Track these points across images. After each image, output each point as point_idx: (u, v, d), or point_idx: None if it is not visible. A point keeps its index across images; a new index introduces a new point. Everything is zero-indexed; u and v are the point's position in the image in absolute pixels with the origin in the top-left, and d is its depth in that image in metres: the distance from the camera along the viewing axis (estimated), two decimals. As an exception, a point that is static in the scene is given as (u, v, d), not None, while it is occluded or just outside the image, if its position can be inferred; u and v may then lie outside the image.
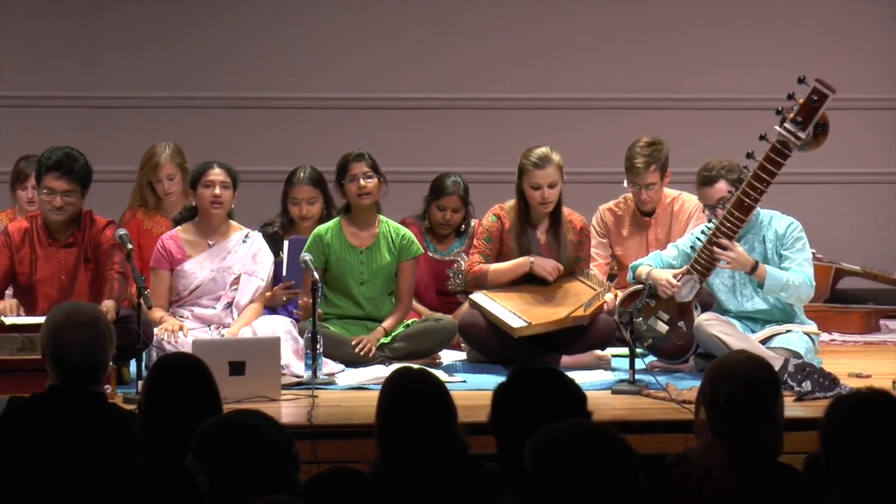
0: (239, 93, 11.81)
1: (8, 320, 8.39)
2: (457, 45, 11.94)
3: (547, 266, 9.10)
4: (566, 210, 9.29)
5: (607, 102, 11.82)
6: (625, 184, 9.79)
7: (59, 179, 8.68)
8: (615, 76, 11.93)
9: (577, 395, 5.06)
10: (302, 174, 9.74)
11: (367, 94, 11.86)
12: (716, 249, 8.68)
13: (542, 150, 9.13)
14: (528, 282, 9.21)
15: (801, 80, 8.61)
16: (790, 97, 8.60)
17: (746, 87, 11.43)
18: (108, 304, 8.52)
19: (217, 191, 8.98)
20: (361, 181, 9.17)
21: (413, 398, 5.46)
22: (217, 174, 9.01)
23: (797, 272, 8.80)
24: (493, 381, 5.33)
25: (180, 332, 8.72)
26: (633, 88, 11.89)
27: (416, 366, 6.08)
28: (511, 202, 9.26)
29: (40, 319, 7.51)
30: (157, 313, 8.84)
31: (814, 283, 8.93)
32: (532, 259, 9.11)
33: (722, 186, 8.98)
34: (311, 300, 8.64)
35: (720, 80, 11.88)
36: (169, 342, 8.55)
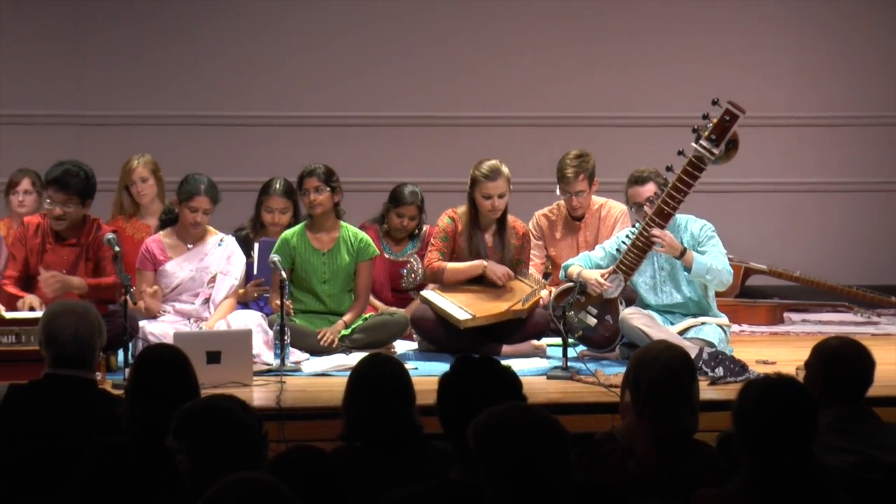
0: (213, 111, 11.77)
1: (8, 314, 8.39)
2: (413, 68, 11.94)
3: (498, 271, 9.13)
4: (510, 217, 9.32)
5: (542, 120, 11.83)
6: (557, 192, 9.81)
7: (58, 192, 8.71)
8: (550, 96, 11.94)
9: (512, 380, 5.09)
10: (277, 185, 9.76)
11: (331, 112, 11.84)
12: (653, 232, 8.71)
13: (493, 162, 9.16)
14: (474, 281, 9.25)
15: (714, 102, 8.66)
16: (705, 117, 8.65)
17: (665, 106, 11.46)
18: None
19: (199, 218, 9.03)
20: (311, 195, 9.21)
21: (377, 378, 5.50)
22: (202, 202, 9.01)
23: (717, 259, 8.85)
24: (441, 368, 5.35)
25: (161, 323, 8.74)
26: (564, 107, 11.90)
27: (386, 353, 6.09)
28: (462, 207, 9.28)
29: (38, 314, 7.56)
30: (142, 307, 8.87)
31: (731, 271, 8.97)
32: (486, 264, 9.13)
33: (651, 187, 9.04)
34: (279, 297, 8.68)
35: (642, 100, 11.89)
36: (152, 334, 8.57)
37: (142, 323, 8.68)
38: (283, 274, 8.76)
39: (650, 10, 12.01)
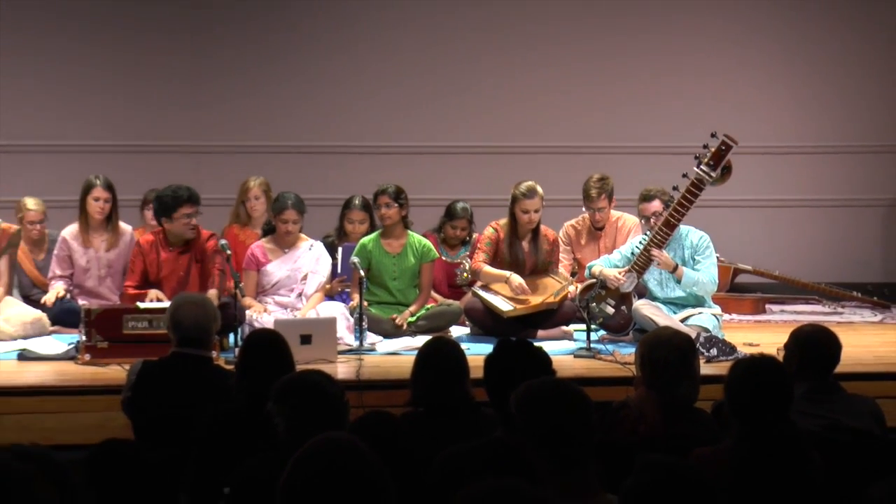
0: (306, 142, 11.76)
1: (142, 305, 8.44)
2: (464, 104, 11.91)
3: (514, 283, 9.07)
4: (543, 227, 9.32)
5: (570, 148, 11.79)
6: (582, 208, 9.84)
7: (193, 207, 8.77)
8: (576, 128, 11.89)
9: (545, 359, 5.09)
10: (356, 201, 9.78)
11: (400, 143, 11.82)
12: (652, 252, 8.75)
13: (530, 183, 9.14)
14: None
15: (713, 135, 8.69)
16: (705, 147, 8.66)
17: (672, 137, 11.42)
18: (212, 293, 8.60)
19: (289, 227, 9.06)
20: (383, 209, 9.23)
21: (439, 356, 5.51)
22: (290, 214, 9.04)
23: (705, 273, 8.85)
24: (488, 349, 5.34)
25: (264, 313, 8.78)
26: (588, 138, 11.86)
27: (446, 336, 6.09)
28: (504, 220, 9.28)
29: (165, 305, 7.61)
30: (248, 301, 8.87)
31: (717, 281, 8.98)
32: (509, 276, 9.09)
33: (657, 203, 9.09)
34: (358, 291, 8.70)
35: (652, 132, 11.84)
36: (257, 321, 8.60)
37: (248, 311, 8.72)
38: (362, 273, 8.79)
39: (661, 56, 11.96)
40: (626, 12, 11.98)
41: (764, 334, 9.30)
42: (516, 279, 9.09)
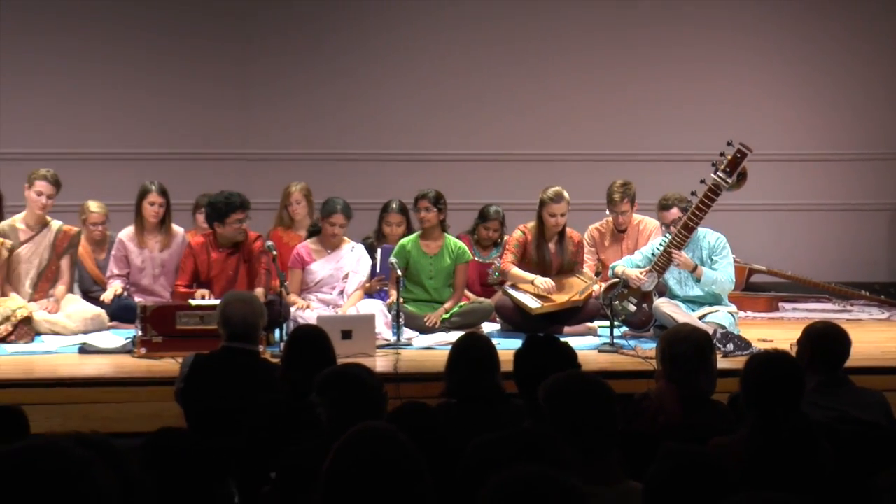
0: (350, 149, 11.79)
1: (194, 302, 8.47)
2: (495, 114, 11.93)
3: (540, 285, 9.08)
4: (568, 229, 9.31)
5: (595, 156, 11.77)
6: (606, 211, 9.83)
7: (244, 213, 8.81)
8: (601, 137, 11.89)
9: (570, 353, 5.10)
10: (394, 205, 9.81)
11: (436, 150, 11.84)
12: (672, 253, 8.73)
13: (557, 189, 9.14)
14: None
15: (729, 143, 8.67)
16: (721, 154, 8.64)
17: (691, 145, 11.38)
18: (259, 291, 8.62)
19: (336, 230, 9.08)
20: (423, 213, 9.25)
21: (472, 350, 5.51)
22: (338, 218, 9.06)
23: (723, 272, 8.83)
24: (517, 344, 5.35)
25: (307, 310, 8.80)
26: (611, 146, 11.85)
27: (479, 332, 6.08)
28: (532, 223, 9.28)
29: (215, 302, 7.64)
30: (293, 298, 8.91)
31: (734, 280, 8.97)
32: (533, 278, 9.08)
33: (675, 211, 9.07)
34: (396, 290, 8.71)
35: (673, 139, 11.82)
36: (301, 317, 8.62)
37: (292, 308, 8.74)
38: (399, 272, 8.81)
39: (680, 69, 11.95)
40: (649, 27, 11.96)
41: (777, 331, 9.26)
42: (541, 282, 9.08)
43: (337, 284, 9.14)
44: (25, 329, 8.63)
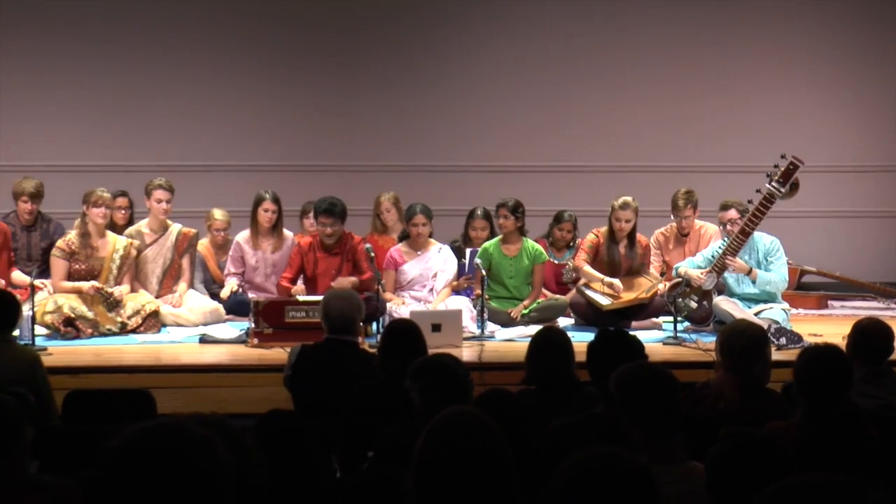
0: (440, 161, 11.81)
1: (301, 298, 8.53)
2: (572, 129, 11.90)
3: (604, 282, 9.03)
4: (637, 234, 9.26)
5: (662, 167, 11.70)
6: (671, 217, 9.78)
7: (326, 218, 8.83)
8: (666, 150, 11.83)
9: (638, 346, 5.07)
10: (479, 212, 9.79)
11: (517, 162, 11.85)
12: (727, 260, 8.66)
13: (626, 198, 9.12)
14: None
15: (782, 156, 8.58)
16: (775, 166, 8.55)
17: (747, 157, 11.28)
18: (351, 280, 8.72)
19: (420, 230, 9.09)
20: (501, 220, 9.24)
21: (549, 342, 5.50)
22: (419, 219, 9.09)
23: (777, 273, 8.74)
24: (590, 337, 5.32)
25: (401, 305, 8.82)
26: (676, 158, 11.78)
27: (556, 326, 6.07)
28: (604, 227, 9.26)
29: (319, 297, 7.68)
30: (388, 295, 8.93)
31: (787, 280, 8.89)
32: (602, 278, 9.04)
33: (733, 212, 9.00)
34: (480, 288, 8.71)
35: (732, 152, 11.74)
36: (395, 312, 8.64)
37: (388, 304, 8.77)
38: (483, 272, 8.80)
39: (739, 85, 11.88)
40: (710, 48, 11.88)
41: (826, 326, 9.16)
42: (609, 281, 9.04)
43: (427, 283, 9.15)
44: (153, 321, 8.75)
